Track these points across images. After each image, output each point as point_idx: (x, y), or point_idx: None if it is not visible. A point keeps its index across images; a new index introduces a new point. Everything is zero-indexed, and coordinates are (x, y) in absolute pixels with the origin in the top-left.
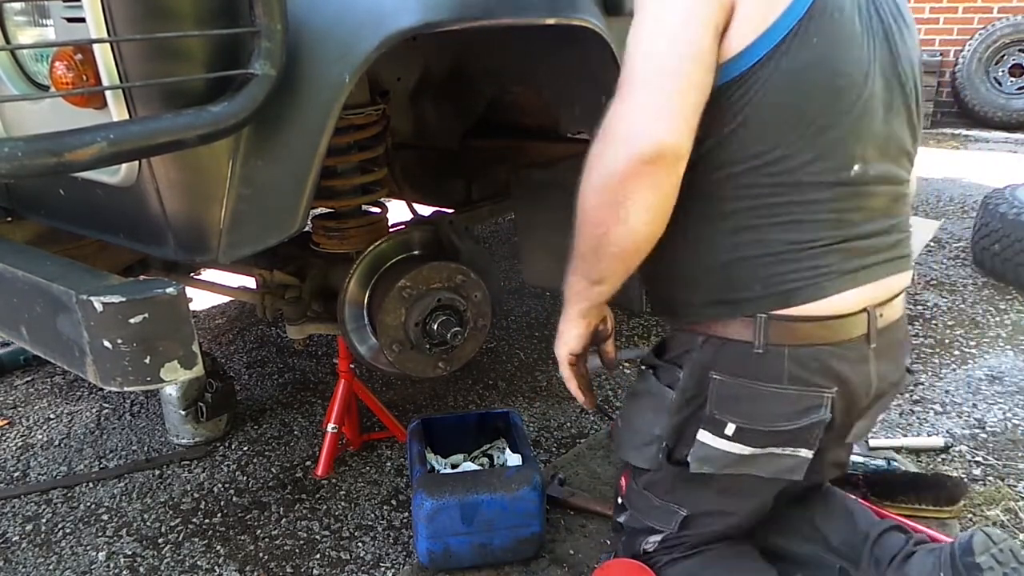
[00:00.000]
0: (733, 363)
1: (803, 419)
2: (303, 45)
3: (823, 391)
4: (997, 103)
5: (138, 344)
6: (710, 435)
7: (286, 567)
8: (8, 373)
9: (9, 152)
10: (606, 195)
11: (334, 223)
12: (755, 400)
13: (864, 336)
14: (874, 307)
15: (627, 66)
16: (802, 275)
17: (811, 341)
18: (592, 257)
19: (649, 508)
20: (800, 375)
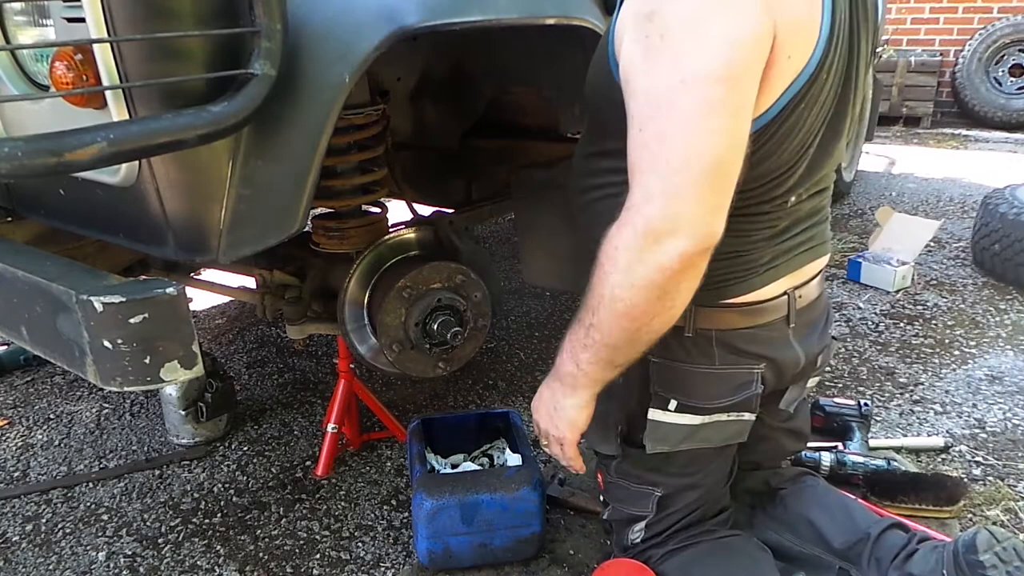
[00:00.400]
0: (668, 348)
1: (738, 395)
2: (303, 45)
3: (753, 367)
4: (997, 103)
5: (138, 344)
6: (659, 412)
7: (286, 567)
8: (8, 373)
9: (9, 152)
10: (653, 291)
11: (334, 223)
12: (692, 380)
13: (784, 318)
14: (793, 290)
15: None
16: (733, 274)
17: (736, 326)
18: (627, 347)
19: (627, 495)
20: (728, 356)
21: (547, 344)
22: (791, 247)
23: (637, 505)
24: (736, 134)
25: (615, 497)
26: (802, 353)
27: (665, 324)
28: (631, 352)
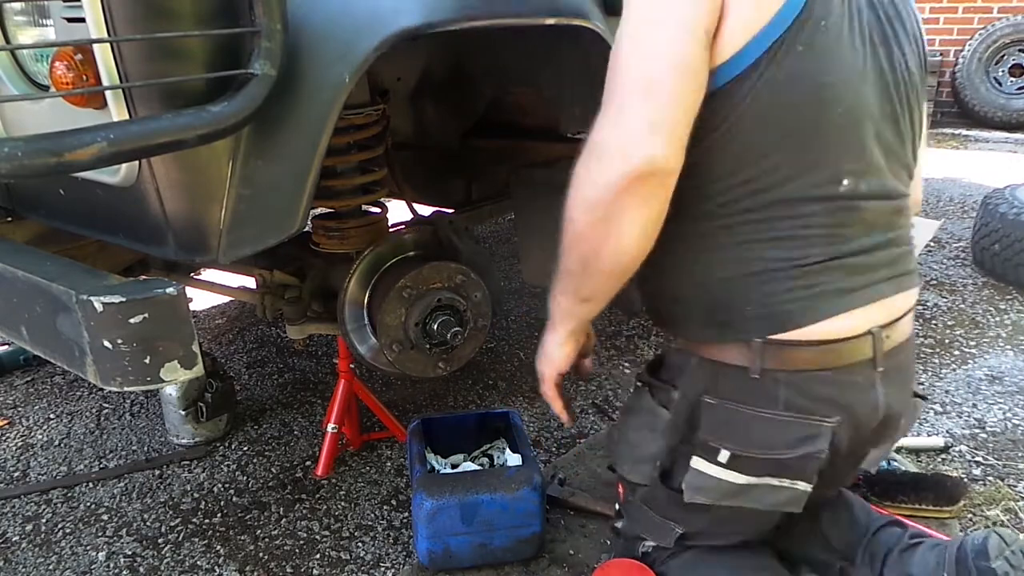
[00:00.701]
0: (727, 387)
1: (799, 448)
2: (303, 45)
3: (822, 420)
4: (997, 103)
5: (138, 344)
6: (704, 462)
7: (286, 567)
8: (8, 373)
9: (9, 152)
10: (597, 211)
11: (334, 223)
12: (749, 425)
13: (870, 360)
14: (880, 328)
15: (615, 78)
16: (796, 295)
17: (811, 367)
18: (581, 275)
19: (646, 521)
20: (797, 402)
21: None
22: (867, 266)
23: (655, 534)
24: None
25: (632, 517)
26: (883, 403)
27: (615, 256)
28: (587, 282)
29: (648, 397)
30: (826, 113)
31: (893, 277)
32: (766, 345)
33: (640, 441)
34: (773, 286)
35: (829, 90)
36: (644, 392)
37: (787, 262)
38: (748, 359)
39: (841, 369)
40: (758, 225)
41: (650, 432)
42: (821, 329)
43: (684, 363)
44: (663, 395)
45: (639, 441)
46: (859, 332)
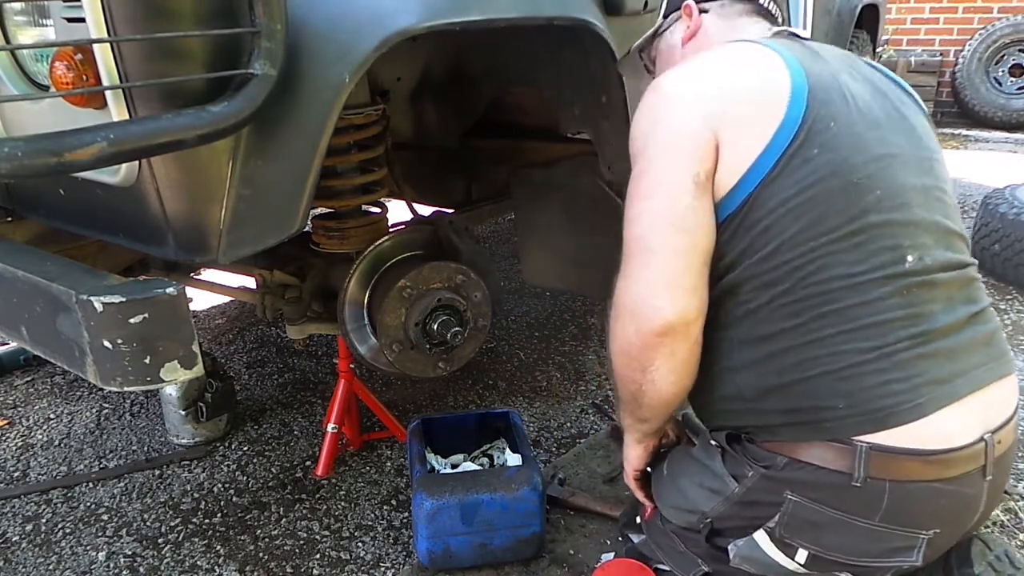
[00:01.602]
0: (819, 490)
1: (888, 559)
2: (303, 45)
3: (920, 533)
4: (997, 103)
5: (138, 344)
6: (772, 547)
7: (286, 567)
8: (8, 373)
9: (9, 152)
10: (630, 363)
11: (334, 223)
12: (837, 531)
13: (980, 468)
14: (991, 434)
15: (625, 240)
16: (892, 388)
17: (919, 477)
18: (633, 404)
19: (670, 549)
20: (898, 515)
21: (547, 344)
22: (959, 348)
23: (677, 566)
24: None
25: (657, 542)
26: (983, 510)
27: (655, 396)
28: (639, 410)
29: (719, 461)
30: (864, 198)
31: (989, 362)
32: (872, 452)
33: (693, 495)
34: (863, 380)
35: (861, 176)
36: (716, 453)
37: (874, 352)
38: (850, 465)
39: (952, 480)
40: (832, 317)
41: (710, 493)
42: (930, 432)
43: (769, 460)
44: (737, 467)
45: (693, 494)
46: (971, 440)
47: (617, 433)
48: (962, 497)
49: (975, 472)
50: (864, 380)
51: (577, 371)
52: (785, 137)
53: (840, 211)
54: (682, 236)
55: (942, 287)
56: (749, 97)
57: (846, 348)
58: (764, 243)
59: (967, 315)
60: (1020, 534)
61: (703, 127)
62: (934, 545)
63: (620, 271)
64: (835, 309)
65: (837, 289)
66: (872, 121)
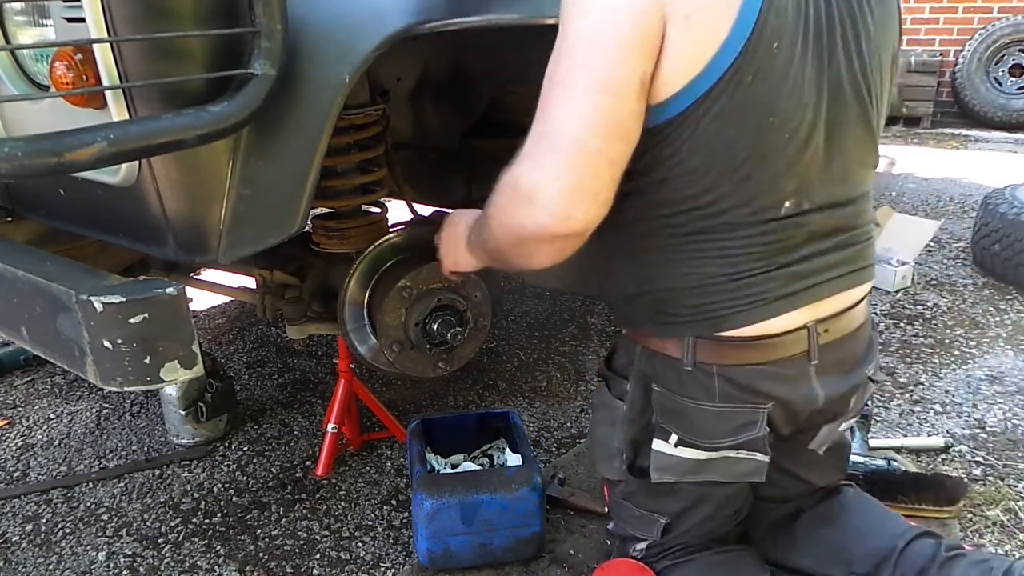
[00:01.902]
0: (668, 378)
1: (740, 435)
2: (303, 45)
3: (757, 407)
4: (997, 103)
5: (138, 344)
6: (662, 443)
7: (286, 567)
8: (8, 373)
9: (9, 152)
10: (514, 242)
11: (334, 223)
12: (692, 416)
13: (804, 353)
14: (816, 323)
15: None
16: (735, 303)
17: (742, 361)
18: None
19: (631, 517)
20: (731, 393)
21: (547, 344)
22: (809, 271)
23: (641, 529)
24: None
25: (620, 517)
26: (822, 394)
27: (523, 267)
28: (503, 263)
29: (606, 392)
30: (772, 140)
31: (839, 276)
32: (699, 340)
33: (605, 437)
34: (711, 297)
35: (778, 116)
36: (603, 387)
37: (725, 276)
38: (681, 352)
39: (775, 363)
40: (701, 245)
41: (611, 426)
42: (753, 328)
43: (631, 351)
44: (617, 387)
45: (604, 437)
46: (793, 328)
47: None
48: (787, 378)
49: (799, 355)
50: (711, 297)
51: (577, 371)
52: (732, 52)
53: (745, 153)
54: (622, 144)
55: (811, 225)
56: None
57: (704, 271)
58: (670, 164)
59: (831, 244)
60: (1020, 534)
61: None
62: (776, 418)
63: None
64: (707, 239)
65: (711, 227)
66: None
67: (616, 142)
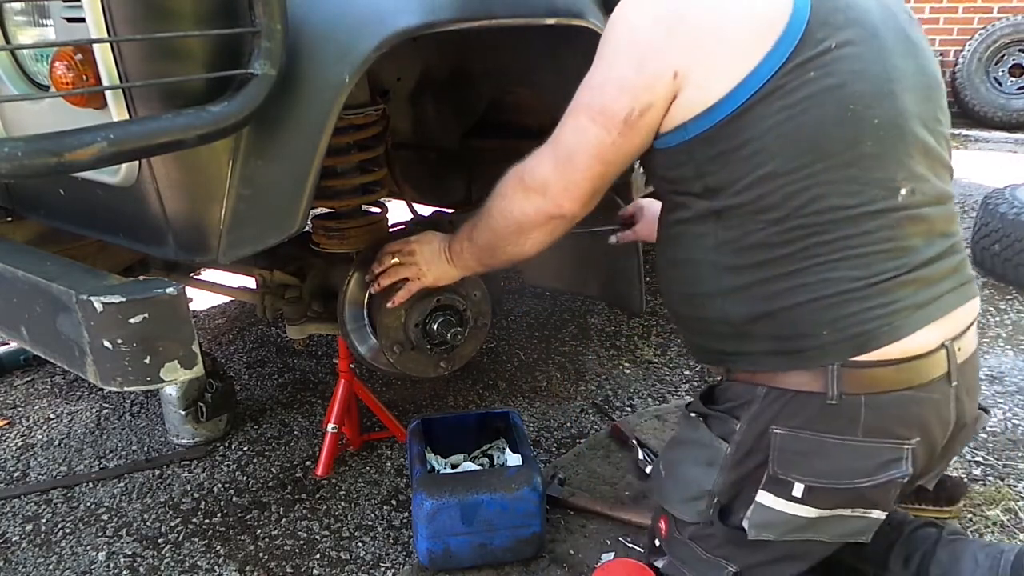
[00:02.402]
0: (800, 416)
1: (882, 474)
2: (303, 45)
3: (903, 443)
4: (997, 103)
5: (138, 344)
6: (773, 497)
7: (286, 567)
8: (8, 373)
9: (9, 152)
10: (514, 228)
11: (334, 223)
12: (826, 455)
13: (945, 375)
14: (951, 341)
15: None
16: (874, 313)
17: (891, 387)
18: (490, 252)
19: (694, 559)
20: (878, 425)
21: (547, 344)
22: (935, 277)
23: (703, 573)
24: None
25: (677, 555)
26: (954, 419)
27: (515, 256)
28: (493, 259)
29: (704, 429)
30: (861, 126)
31: (957, 287)
32: (843, 368)
33: (692, 477)
34: (847, 308)
35: (859, 103)
36: (699, 423)
37: (861, 281)
38: (824, 385)
39: (923, 387)
40: (824, 247)
41: (707, 467)
42: (898, 348)
43: (749, 394)
44: (722, 426)
45: (691, 477)
46: (934, 347)
47: (617, 433)
48: (933, 403)
49: (941, 378)
50: (849, 307)
51: (577, 371)
52: (775, 62)
53: (836, 139)
54: (602, 165)
55: (926, 221)
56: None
57: (833, 276)
58: (753, 168)
59: (943, 248)
60: (1020, 534)
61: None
62: (918, 456)
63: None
64: (826, 240)
65: (830, 221)
66: (878, 44)
67: (589, 166)
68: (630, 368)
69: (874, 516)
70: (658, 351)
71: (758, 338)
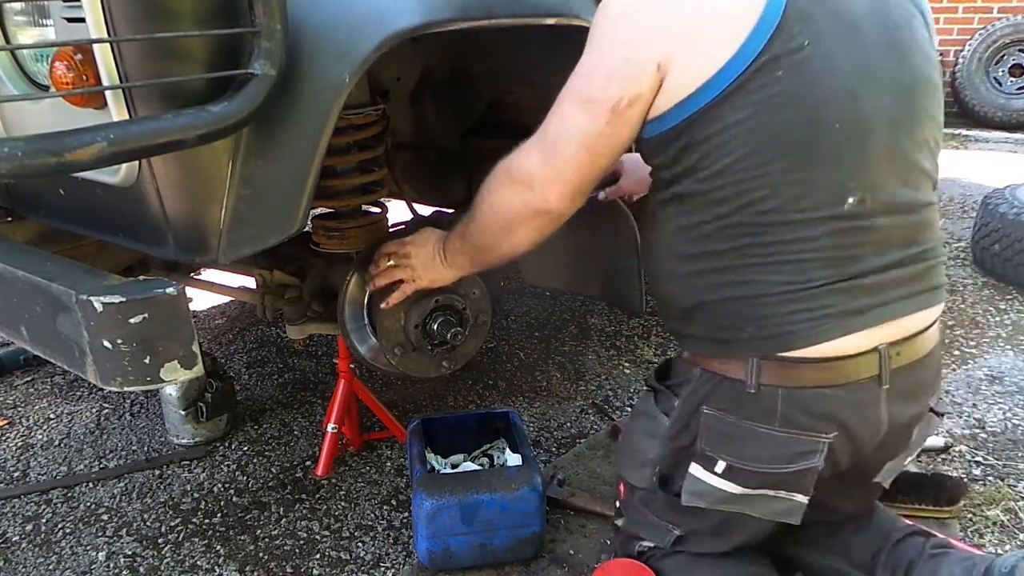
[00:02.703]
0: (725, 400)
1: (795, 464)
2: (303, 45)
3: (819, 436)
4: (997, 103)
5: (138, 344)
6: (702, 470)
7: (286, 567)
8: (8, 373)
9: (9, 152)
10: (502, 223)
11: (334, 223)
12: (745, 439)
13: (875, 377)
14: (889, 345)
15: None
16: (799, 317)
17: (810, 384)
18: (480, 252)
19: (644, 522)
20: (794, 418)
21: (547, 344)
22: (879, 286)
23: (652, 535)
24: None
25: (632, 518)
26: (886, 420)
27: (507, 253)
28: (484, 256)
29: (652, 402)
30: (821, 130)
31: (912, 295)
32: (763, 361)
33: (640, 445)
34: (774, 309)
35: (822, 107)
36: (649, 397)
37: (787, 286)
38: (745, 374)
39: (843, 386)
40: (759, 249)
41: (651, 437)
42: (820, 349)
43: (688, 372)
44: (665, 402)
45: (641, 445)
46: (864, 350)
47: (617, 433)
48: (855, 403)
49: (869, 380)
50: (773, 308)
51: (577, 371)
52: (747, 56)
53: (792, 140)
54: (589, 155)
55: (879, 231)
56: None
57: (762, 279)
58: (712, 161)
59: (900, 257)
60: (1020, 534)
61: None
62: (838, 450)
63: (536, 144)
64: (762, 242)
65: (770, 223)
66: (854, 40)
67: (577, 155)
68: (630, 368)
69: (797, 500)
70: (658, 351)
71: (696, 323)
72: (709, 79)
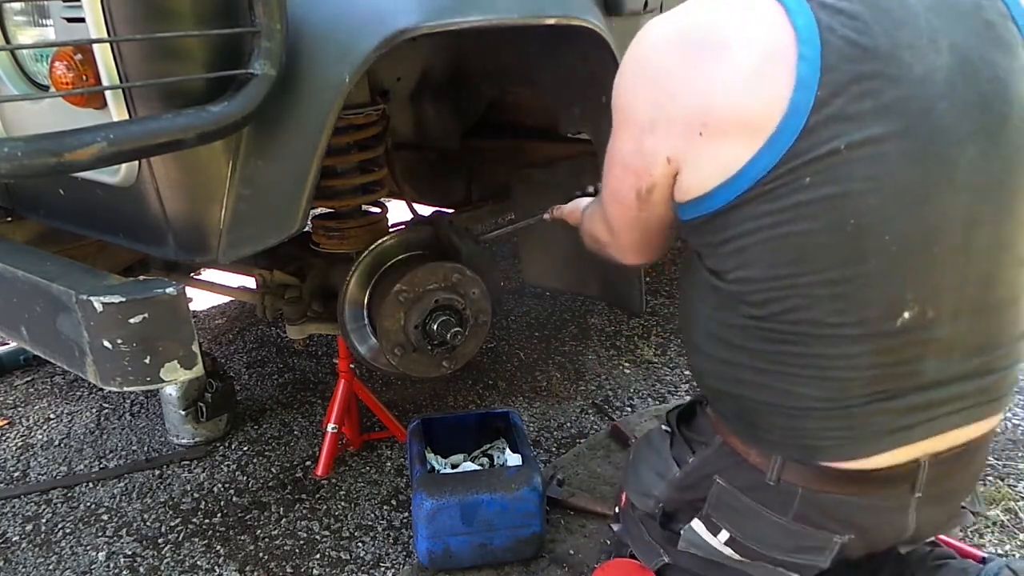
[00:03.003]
0: (741, 480)
1: (800, 555)
2: (303, 45)
3: (832, 536)
4: None
5: (138, 344)
6: (705, 530)
7: (286, 567)
8: (8, 373)
9: (9, 152)
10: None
11: (334, 223)
12: (755, 521)
13: (908, 486)
14: (931, 455)
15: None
16: (834, 433)
17: (835, 491)
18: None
19: (638, 538)
20: (810, 516)
21: (547, 344)
22: (932, 402)
23: (642, 553)
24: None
25: (627, 528)
26: (914, 525)
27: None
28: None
29: (667, 445)
30: (866, 243)
31: (966, 408)
32: (788, 462)
33: (647, 480)
34: (806, 423)
35: (866, 216)
36: (666, 439)
37: (826, 403)
38: (765, 464)
39: (869, 495)
40: (795, 359)
41: (659, 478)
42: (852, 464)
43: (708, 436)
44: (680, 451)
45: (648, 481)
46: (903, 462)
47: (617, 433)
48: (881, 509)
49: (901, 489)
50: (805, 423)
51: (577, 371)
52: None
53: (825, 254)
54: (642, 232)
55: (941, 341)
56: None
57: (796, 391)
58: (736, 266)
59: (964, 370)
60: (1020, 534)
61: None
62: (850, 548)
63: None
64: (798, 352)
65: (807, 335)
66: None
67: (630, 232)
68: (630, 368)
69: None
70: (658, 351)
71: (723, 402)
72: (722, 183)
